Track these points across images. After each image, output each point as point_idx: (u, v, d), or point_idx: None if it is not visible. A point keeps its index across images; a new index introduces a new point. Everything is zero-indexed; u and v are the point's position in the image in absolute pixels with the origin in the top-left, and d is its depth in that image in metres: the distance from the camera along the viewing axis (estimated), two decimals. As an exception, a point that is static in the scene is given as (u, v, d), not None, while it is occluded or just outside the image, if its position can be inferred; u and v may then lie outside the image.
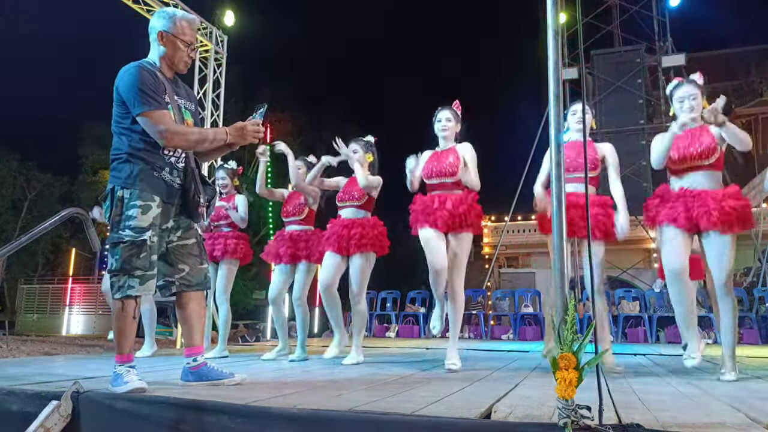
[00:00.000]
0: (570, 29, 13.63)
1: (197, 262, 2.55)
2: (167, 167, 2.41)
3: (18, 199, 18.79)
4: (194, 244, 2.56)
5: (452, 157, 3.41)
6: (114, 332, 2.35)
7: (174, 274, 2.47)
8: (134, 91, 2.28)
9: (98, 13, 18.02)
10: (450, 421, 1.67)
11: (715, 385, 2.67)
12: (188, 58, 2.53)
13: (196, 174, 2.53)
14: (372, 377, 2.87)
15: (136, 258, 2.29)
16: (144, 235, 2.30)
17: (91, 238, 3.64)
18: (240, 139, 2.49)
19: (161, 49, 2.45)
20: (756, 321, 8.05)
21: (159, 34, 2.44)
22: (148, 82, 2.32)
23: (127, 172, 2.32)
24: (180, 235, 2.51)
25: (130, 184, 2.32)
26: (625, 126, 12.34)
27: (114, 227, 2.32)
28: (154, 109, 2.29)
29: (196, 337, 2.51)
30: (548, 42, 1.84)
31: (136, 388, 2.16)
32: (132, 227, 2.29)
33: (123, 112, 2.35)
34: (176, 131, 2.33)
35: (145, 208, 2.31)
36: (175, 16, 2.48)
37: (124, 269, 2.28)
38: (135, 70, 2.34)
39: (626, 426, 1.55)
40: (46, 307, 13.86)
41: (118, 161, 2.36)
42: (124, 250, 2.28)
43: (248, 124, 2.49)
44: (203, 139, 2.42)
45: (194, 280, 2.52)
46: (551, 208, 1.77)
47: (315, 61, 29.42)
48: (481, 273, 13.70)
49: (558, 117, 1.82)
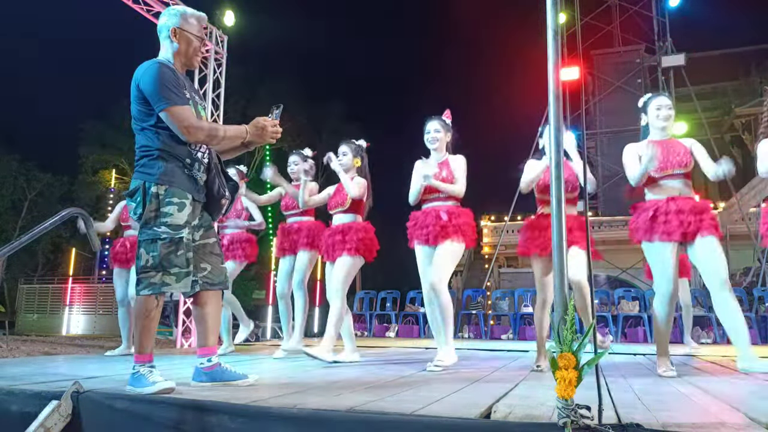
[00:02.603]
0: (570, 29, 13.64)
1: (219, 261, 2.54)
2: (196, 163, 2.41)
3: (18, 199, 18.77)
4: (215, 243, 2.55)
5: (446, 171, 3.45)
6: (136, 331, 2.32)
7: (197, 273, 2.45)
8: (157, 87, 2.28)
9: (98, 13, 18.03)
10: (450, 421, 1.67)
11: (715, 385, 2.67)
12: (200, 54, 2.55)
13: (219, 169, 2.53)
14: (372, 377, 2.87)
15: (174, 255, 2.28)
16: (181, 233, 2.31)
17: (91, 238, 3.65)
18: (259, 138, 2.48)
19: (174, 46, 2.45)
20: (756, 321, 8.05)
21: (172, 30, 2.44)
22: (169, 78, 2.32)
23: (161, 169, 2.31)
24: (202, 234, 2.50)
25: (166, 180, 2.30)
26: (625, 126, 12.35)
27: (148, 223, 2.30)
28: (177, 105, 2.29)
29: (211, 337, 2.49)
30: (548, 42, 1.84)
31: (164, 388, 2.14)
32: (169, 224, 2.28)
33: (146, 109, 2.34)
34: (199, 126, 2.33)
35: (180, 206, 2.32)
36: (185, 13, 2.49)
37: (162, 266, 2.27)
38: (156, 66, 2.34)
39: (626, 426, 1.55)
40: (46, 307, 13.85)
41: (149, 158, 2.34)
42: (163, 247, 2.27)
43: (268, 123, 2.48)
44: (224, 135, 2.41)
45: (216, 279, 2.51)
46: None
47: (315, 60, 29.43)
48: (480, 273, 13.71)
49: (558, 117, 1.82)
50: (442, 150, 3.55)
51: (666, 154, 3.07)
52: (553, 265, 1.73)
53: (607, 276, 13.94)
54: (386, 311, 9.63)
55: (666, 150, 3.09)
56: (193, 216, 2.41)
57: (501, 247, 14.22)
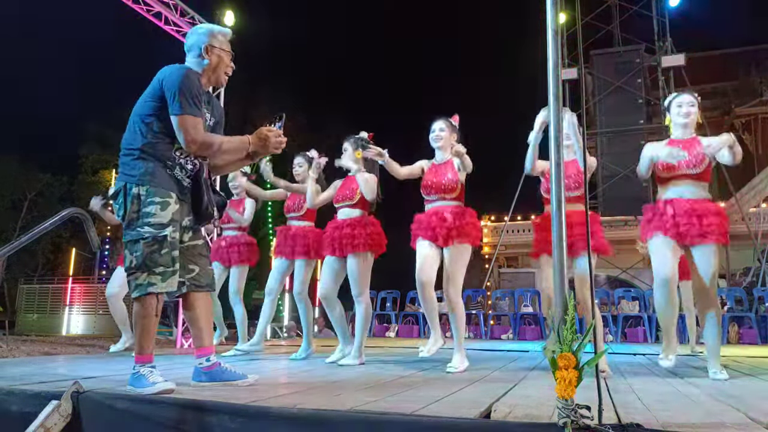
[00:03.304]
0: (570, 29, 13.63)
1: (206, 263, 2.56)
2: (177, 166, 2.42)
3: (18, 199, 18.78)
4: (203, 245, 2.57)
5: (450, 172, 3.44)
6: (136, 332, 2.32)
7: (185, 274, 2.46)
8: (179, 90, 2.28)
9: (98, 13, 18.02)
10: (450, 421, 1.67)
11: (715, 385, 2.68)
12: (230, 70, 2.57)
13: (209, 185, 2.53)
14: (372, 377, 2.87)
15: (158, 254, 2.28)
16: (165, 231, 2.30)
17: (91, 238, 3.65)
18: (262, 148, 2.48)
19: (205, 62, 2.46)
20: (756, 321, 8.04)
21: (205, 48, 2.45)
22: (194, 87, 2.34)
23: (141, 170, 2.32)
24: (191, 236, 2.51)
25: (146, 180, 2.31)
26: (625, 126, 12.33)
27: (131, 224, 2.31)
28: (192, 114, 2.30)
29: (206, 337, 2.51)
30: (548, 42, 1.84)
31: (164, 389, 2.15)
32: (151, 224, 2.29)
33: (156, 107, 2.35)
34: (204, 141, 2.35)
35: (163, 204, 2.31)
36: (213, 31, 2.52)
37: (145, 266, 2.27)
38: (185, 71, 2.36)
39: (626, 426, 1.55)
40: (46, 307, 13.85)
41: (131, 157, 2.35)
42: (146, 247, 2.27)
43: (271, 134, 2.47)
44: (226, 149, 2.44)
45: (204, 280, 2.52)
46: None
47: (315, 60, 29.41)
48: (480, 273, 13.70)
49: (558, 117, 1.82)
50: (446, 149, 3.55)
51: (678, 153, 3.06)
52: (552, 264, 1.73)
53: (607, 276, 13.94)
54: (386, 311, 9.63)
55: (683, 149, 3.06)
56: (181, 215, 2.41)
57: (501, 247, 14.22)
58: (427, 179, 3.52)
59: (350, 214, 3.82)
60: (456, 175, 3.44)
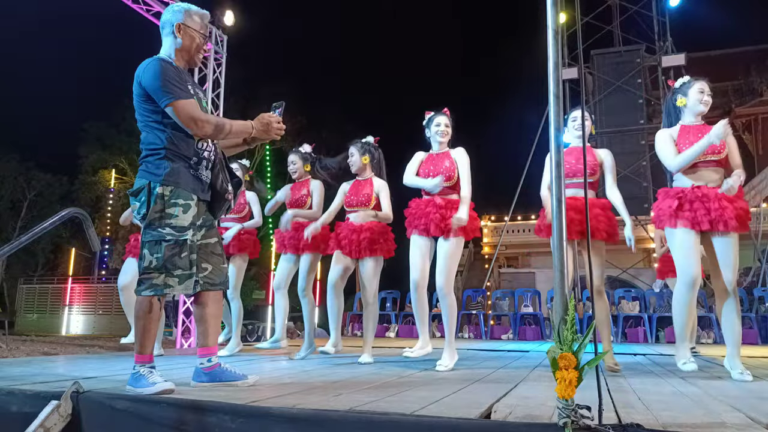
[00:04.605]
0: (570, 29, 13.63)
1: (220, 261, 2.53)
2: (203, 161, 2.41)
3: (18, 199, 18.79)
4: (216, 243, 2.54)
5: (448, 161, 3.45)
6: (137, 331, 2.30)
7: (198, 273, 2.43)
8: (159, 82, 2.27)
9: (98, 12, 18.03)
10: (450, 421, 1.67)
11: (715, 385, 2.68)
12: (203, 52, 2.54)
13: (224, 164, 2.53)
14: (372, 377, 2.87)
15: (178, 258, 2.27)
16: (186, 234, 2.30)
17: (91, 238, 3.65)
18: (264, 133, 2.48)
19: (178, 42, 2.43)
20: (756, 321, 8.05)
21: (177, 26, 2.42)
22: (171, 73, 2.31)
23: (166, 169, 2.29)
24: (204, 234, 2.48)
25: (172, 181, 2.29)
26: (625, 126, 12.33)
27: (152, 224, 2.28)
28: (181, 99, 2.28)
29: (212, 337, 2.49)
30: (548, 42, 1.84)
31: (164, 389, 2.14)
32: (173, 225, 2.28)
33: (152, 106, 2.33)
34: (207, 119, 2.32)
35: (186, 207, 2.31)
36: (190, 9, 2.49)
37: (165, 268, 2.26)
38: (157, 62, 2.33)
39: (626, 426, 1.55)
40: (45, 306, 13.86)
41: (155, 156, 2.32)
42: (167, 250, 2.26)
43: (273, 119, 2.48)
44: (230, 129, 2.40)
45: (217, 279, 2.50)
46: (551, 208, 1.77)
47: (315, 60, 29.41)
48: (480, 273, 13.70)
49: (558, 117, 1.82)
50: (445, 144, 3.57)
51: (699, 139, 3.01)
52: (552, 265, 1.73)
53: (607, 276, 13.95)
54: (386, 311, 9.61)
55: (699, 136, 3.03)
56: (198, 216, 2.40)
57: (501, 247, 14.22)
58: (424, 170, 3.52)
59: (365, 218, 3.84)
60: (453, 165, 3.44)
